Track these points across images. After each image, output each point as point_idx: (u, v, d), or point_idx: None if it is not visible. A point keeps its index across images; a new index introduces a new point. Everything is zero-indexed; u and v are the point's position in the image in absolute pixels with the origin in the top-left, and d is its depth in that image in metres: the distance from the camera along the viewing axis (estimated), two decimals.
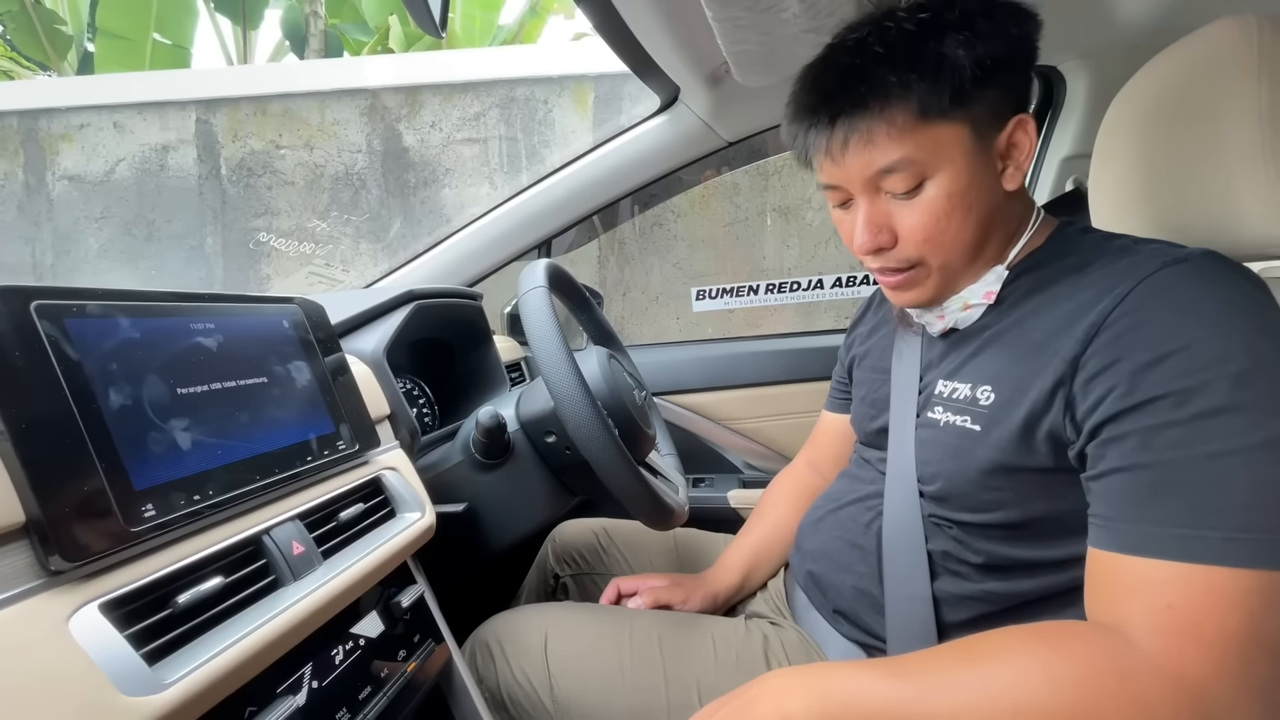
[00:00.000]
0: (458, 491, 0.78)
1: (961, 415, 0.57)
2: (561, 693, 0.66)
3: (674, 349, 1.36)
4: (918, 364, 0.67)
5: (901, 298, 0.62)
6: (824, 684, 0.47)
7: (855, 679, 0.47)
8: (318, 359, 0.60)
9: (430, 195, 2.91)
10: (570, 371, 0.67)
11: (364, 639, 0.53)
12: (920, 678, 0.45)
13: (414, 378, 1.05)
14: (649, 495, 0.70)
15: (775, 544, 0.86)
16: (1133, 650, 0.41)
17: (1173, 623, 0.40)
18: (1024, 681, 0.42)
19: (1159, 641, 0.40)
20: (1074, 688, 0.40)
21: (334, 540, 0.53)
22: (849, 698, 0.46)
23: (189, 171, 3.07)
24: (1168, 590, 0.41)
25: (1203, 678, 0.39)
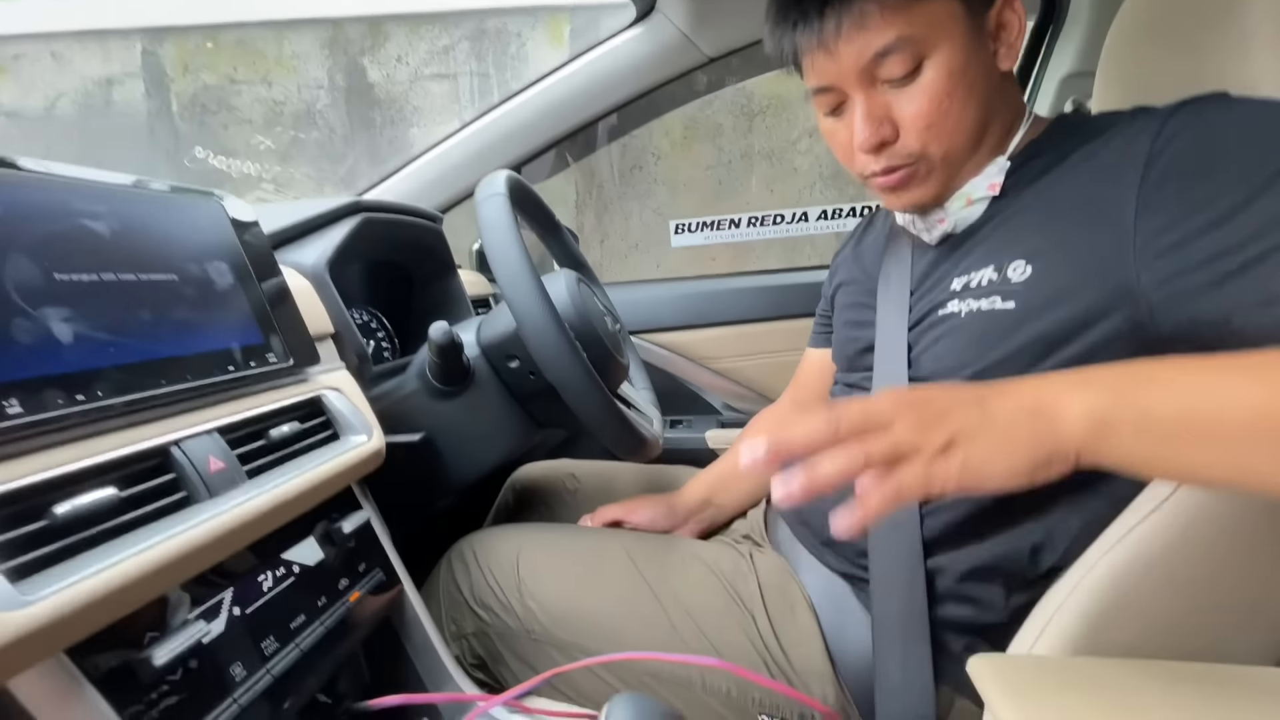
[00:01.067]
0: (414, 421, 0.72)
1: (987, 298, 0.53)
2: (532, 599, 0.65)
3: (651, 287, 1.30)
4: (907, 278, 0.64)
5: (902, 199, 0.58)
6: (1126, 381, 0.37)
7: (1148, 377, 0.37)
8: (243, 263, 0.53)
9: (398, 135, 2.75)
10: (533, 287, 0.61)
11: (299, 565, 0.48)
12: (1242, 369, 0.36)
13: (371, 309, 0.98)
14: (619, 421, 0.65)
15: (747, 470, 0.83)
16: None
17: None
18: None
19: None
20: None
21: (263, 459, 0.47)
22: (1143, 376, 0.37)
23: (137, 108, 2.86)
24: None
25: None
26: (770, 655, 0.60)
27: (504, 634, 0.65)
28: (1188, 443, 0.36)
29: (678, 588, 0.64)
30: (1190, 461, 0.36)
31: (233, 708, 0.37)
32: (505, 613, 0.65)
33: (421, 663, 0.56)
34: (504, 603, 0.65)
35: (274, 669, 0.41)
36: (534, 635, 0.64)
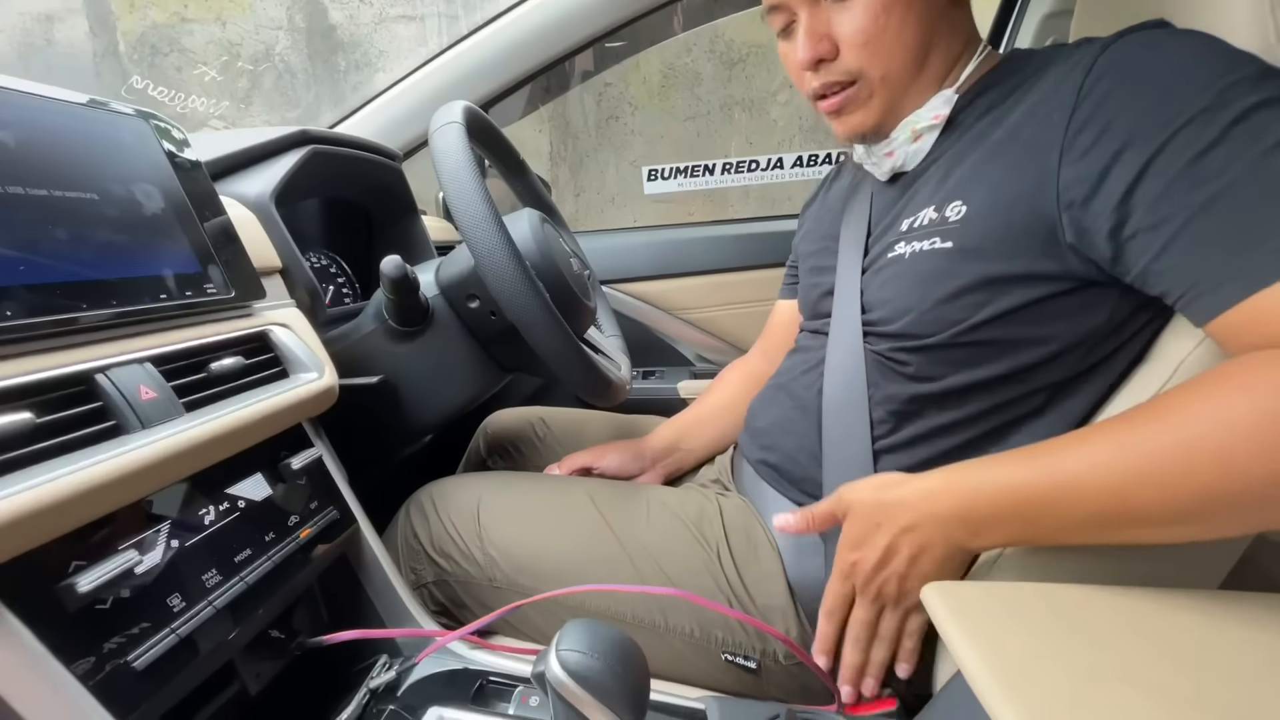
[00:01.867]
0: (372, 363, 0.70)
1: (929, 239, 0.53)
2: (493, 547, 0.64)
3: (622, 235, 1.27)
4: (866, 219, 0.64)
5: (846, 125, 0.59)
6: (975, 481, 0.44)
7: (1011, 467, 0.43)
8: (175, 186, 0.50)
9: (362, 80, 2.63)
10: (491, 220, 0.58)
11: (244, 501, 0.46)
12: (1096, 445, 0.40)
13: (329, 253, 0.94)
14: (584, 363, 0.64)
15: (716, 416, 0.85)
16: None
17: None
18: (1220, 427, 0.36)
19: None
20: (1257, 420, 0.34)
21: (203, 392, 0.45)
22: (1010, 486, 0.42)
23: (81, 47, 2.69)
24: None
25: None
26: (734, 593, 0.60)
27: (465, 582, 0.65)
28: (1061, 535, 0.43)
29: (641, 532, 0.64)
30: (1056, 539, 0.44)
31: (170, 638, 0.36)
32: (466, 561, 0.65)
33: (381, 602, 0.55)
34: (464, 551, 0.65)
35: (216, 601, 0.40)
36: (495, 583, 0.63)
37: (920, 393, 0.56)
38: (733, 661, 0.59)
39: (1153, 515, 0.38)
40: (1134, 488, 0.38)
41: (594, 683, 0.35)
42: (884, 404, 0.58)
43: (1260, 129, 0.37)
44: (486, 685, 0.52)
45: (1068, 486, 0.40)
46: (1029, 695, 0.35)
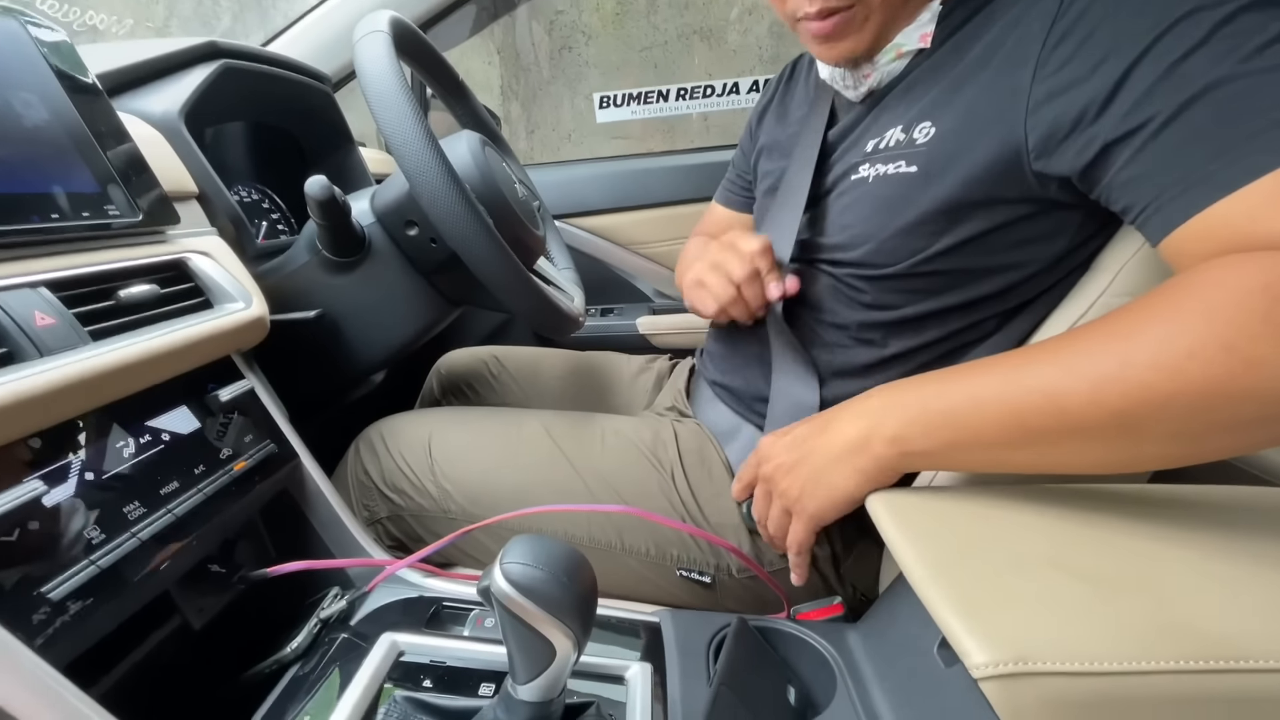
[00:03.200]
0: (309, 298, 0.66)
1: (894, 162, 0.52)
2: (446, 479, 0.64)
3: (573, 167, 1.22)
4: (820, 133, 0.62)
5: (835, 50, 0.54)
6: (922, 398, 0.43)
7: (967, 385, 0.41)
8: (59, 95, 0.45)
9: (295, 11, 2.44)
10: (423, 138, 0.54)
11: (169, 433, 0.44)
12: (1048, 363, 0.38)
13: (261, 187, 0.88)
14: (532, 292, 0.62)
15: None
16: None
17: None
18: (1163, 341, 0.34)
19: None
20: (1244, 356, 0.32)
21: (111, 321, 0.42)
22: (963, 403, 0.41)
23: None
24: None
25: None
26: (688, 512, 0.61)
27: (420, 515, 0.64)
28: (992, 453, 0.41)
29: (596, 458, 0.64)
30: (1002, 464, 0.42)
31: (90, 569, 0.34)
32: (419, 494, 0.64)
33: (329, 535, 0.54)
34: (417, 485, 0.64)
35: (141, 534, 0.38)
36: (450, 514, 0.63)
37: (875, 320, 0.56)
38: (688, 577, 0.61)
39: (1080, 421, 0.37)
40: (1062, 395, 0.37)
41: (540, 594, 0.35)
42: (838, 329, 0.58)
43: (1246, 31, 0.35)
44: (442, 610, 0.52)
45: (990, 400, 0.40)
46: (960, 584, 0.36)
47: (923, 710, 0.41)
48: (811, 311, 0.60)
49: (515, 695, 0.38)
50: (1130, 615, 0.33)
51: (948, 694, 0.39)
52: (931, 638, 0.43)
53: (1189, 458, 0.36)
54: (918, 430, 0.42)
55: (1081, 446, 0.38)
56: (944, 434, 0.42)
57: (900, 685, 0.44)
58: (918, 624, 0.45)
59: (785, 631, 0.51)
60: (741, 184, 0.82)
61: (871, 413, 0.45)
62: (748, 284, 0.58)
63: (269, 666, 0.46)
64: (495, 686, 0.45)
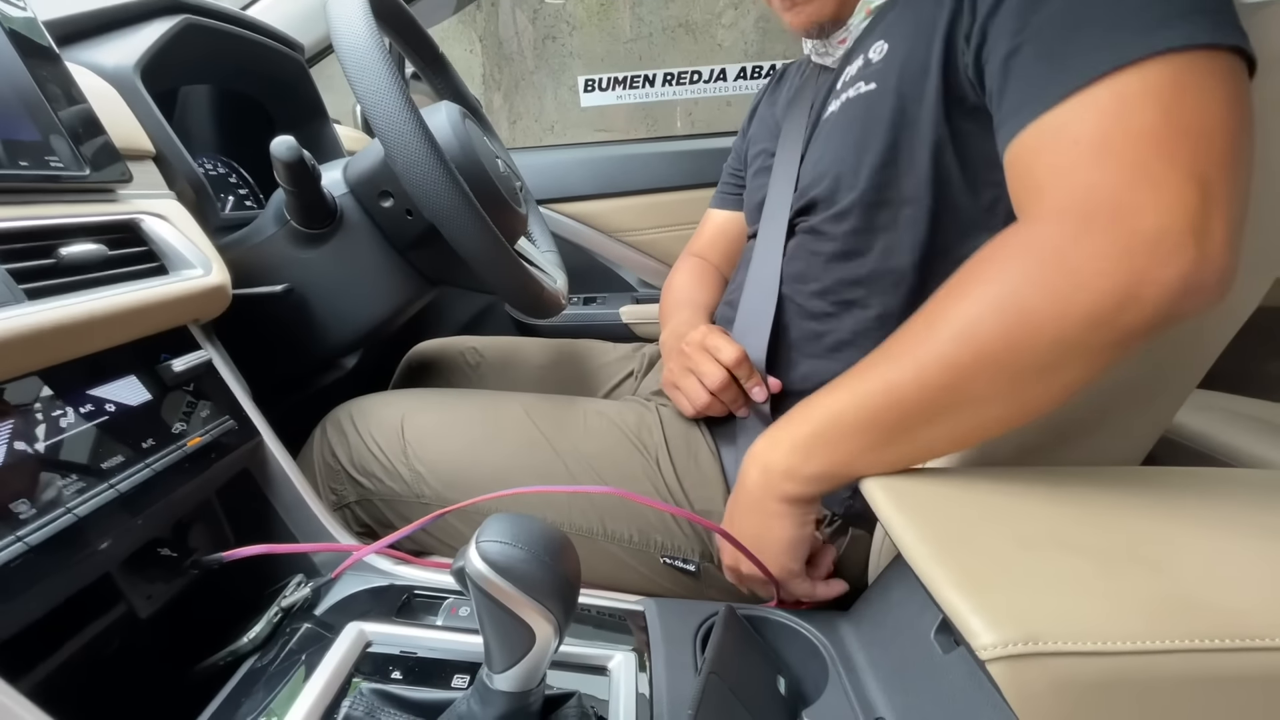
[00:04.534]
0: (277, 272, 0.63)
1: (854, 85, 0.54)
2: (419, 462, 0.60)
3: (558, 152, 1.20)
4: (808, 108, 0.62)
5: (802, 15, 0.57)
6: (790, 429, 0.45)
7: (826, 403, 0.44)
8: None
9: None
10: (401, 102, 0.51)
11: (114, 404, 0.40)
12: (883, 360, 0.41)
13: (228, 160, 0.84)
14: (513, 267, 0.59)
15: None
16: (1041, 225, 0.36)
17: (1080, 156, 0.35)
18: (957, 315, 0.38)
19: (1065, 187, 0.35)
20: (1015, 311, 0.36)
21: (50, 280, 0.38)
22: (826, 421, 0.43)
23: None
24: (1071, 128, 0.36)
25: (1121, 199, 0.33)
26: (673, 497, 0.59)
27: (391, 500, 0.61)
28: (874, 454, 0.43)
29: (579, 442, 0.62)
30: (894, 460, 0.43)
31: (16, 546, 0.31)
32: (391, 478, 0.60)
33: (293, 520, 0.51)
34: (388, 468, 0.61)
35: (78, 510, 0.34)
36: (424, 499, 0.60)
37: (851, 276, 0.55)
38: (672, 564, 0.59)
39: (919, 407, 0.40)
40: (897, 387, 0.40)
41: (519, 574, 0.32)
42: (821, 296, 0.58)
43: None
44: (413, 599, 0.49)
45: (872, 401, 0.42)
46: (963, 563, 0.34)
47: (919, 698, 0.39)
48: (799, 284, 0.60)
49: (491, 685, 0.36)
50: (1141, 594, 0.31)
51: (945, 680, 0.38)
52: (928, 623, 0.41)
53: (1023, 413, 0.39)
54: (799, 458, 0.44)
55: (936, 427, 0.40)
56: (823, 453, 0.43)
57: (895, 673, 0.43)
58: (913, 609, 0.44)
59: (774, 620, 0.50)
60: (736, 181, 0.81)
61: (758, 456, 0.46)
62: (723, 391, 0.59)
63: (224, 658, 0.43)
64: (470, 678, 0.42)
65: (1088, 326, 0.34)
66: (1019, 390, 0.37)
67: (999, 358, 0.36)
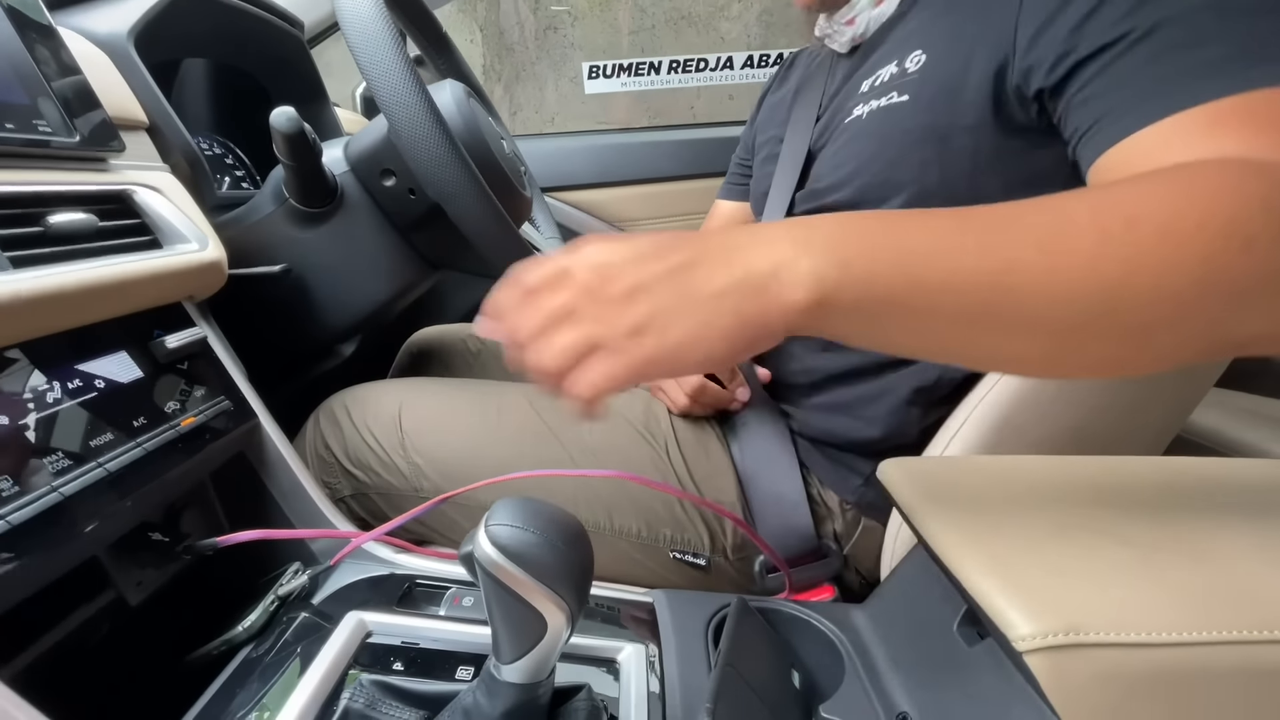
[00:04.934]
0: (274, 252, 0.61)
1: (886, 95, 0.50)
2: (418, 454, 0.58)
3: (558, 140, 1.18)
4: (819, 98, 0.61)
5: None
6: (828, 226, 0.29)
7: (881, 218, 0.30)
8: None
9: None
10: (405, 73, 0.49)
11: (104, 380, 0.38)
12: (985, 211, 0.29)
13: (224, 141, 0.82)
14: (520, 247, 0.57)
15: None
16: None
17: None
18: (1149, 193, 0.27)
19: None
20: (1214, 192, 0.27)
21: (38, 249, 0.37)
22: (875, 233, 0.28)
23: None
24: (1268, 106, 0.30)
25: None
26: (683, 488, 0.57)
27: (387, 494, 0.59)
28: (915, 325, 0.29)
29: (583, 432, 0.60)
30: (915, 345, 0.30)
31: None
32: (387, 471, 0.58)
33: (290, 506, 0.49)
34: (385, 460, 0.58)
35: (64, 489, 0.32)
36: (422, 493, 0.58)
37: None
38: (682, 560, 0.57)
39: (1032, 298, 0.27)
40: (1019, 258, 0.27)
41: (531, 560, 0.31)
42: None
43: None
44: (415, 588, 0.48)
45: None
46: (995, 551, 0.33)
47: (943, 693, 0.38)
48: None
49: (499, 676, 0.34)
50: (1188, 584, 0.30)
51: (971, 675, 0.36)
52: (950, 616, 0.40)
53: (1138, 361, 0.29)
54: (860, 271, 0.28)
55: (1003, 334, 0.28)
56: (893, 306, 0.28)
57: (915, 667, 0.41)
58: (934, 601, 0.42)
59: (787, 613, 0.48)
60: (744, 171, 0.79)
61: (796, 240, 0.28)
62: (698, 403, 0.60)
63: (217, 647, 0.41)
64: (475, 671, 0.41)
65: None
66: (1194, 269, 0.26)
67: (1209, 228, 0.26)
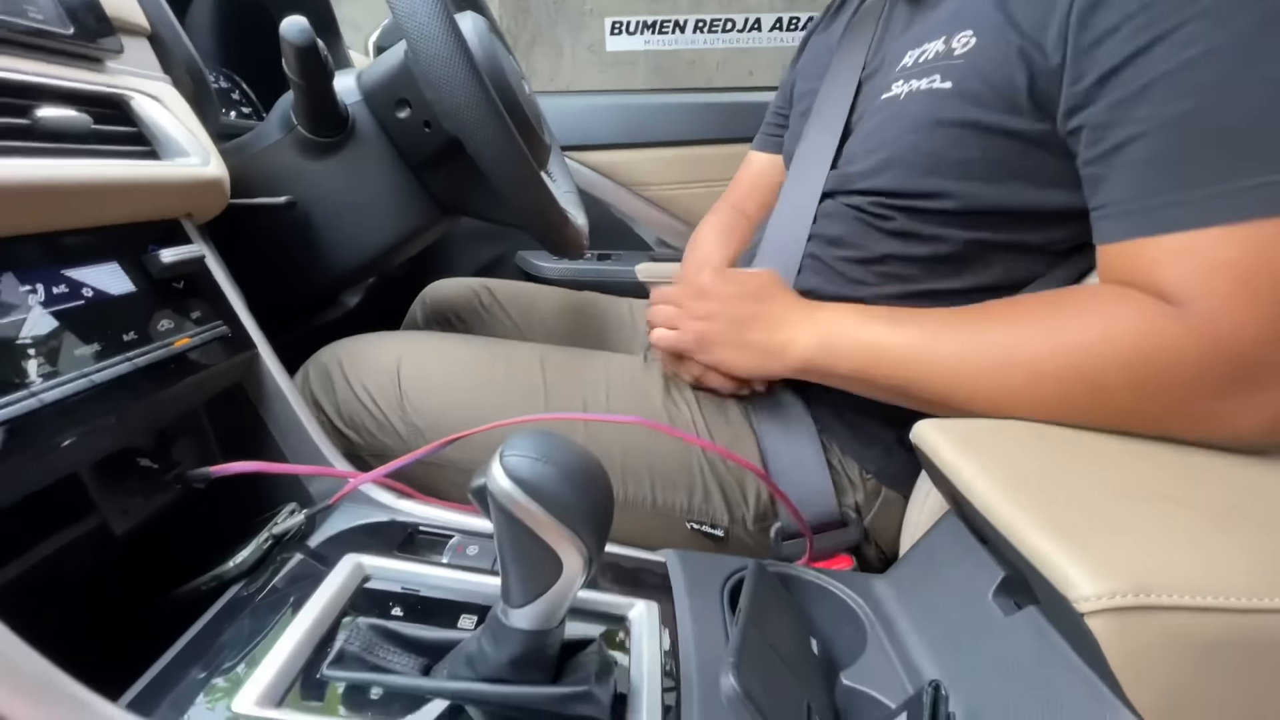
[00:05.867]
0: (279, 183, 0.58)
1: (928, 77, 0.47)
2: (418, 415, 0.54)
3: (579, 98, 1.14)
4: (865, 50, 0.57)
5: None
6: (827, 322, 0.49)
7: (859, 321, 0.48)
8: None
9: None
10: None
11: (92, 289, 0.36)
12: (920, 326, 0.45)
13: (229, 72, 0.79)
14: (541, 189, 0.54)
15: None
16: (1168, 311, 0.36)
17: (1219, 283, 0.34)
18: (1022, 340, 0.40)
19: (1202, 303, 0.35)
20: (1076, 348, 0.38)
21: (24, 141, 0.34)
22: (847, 338, 0.47)
23: None
24: (1213, 252, 0.35)
25: (1248, 340, 0.34)
26: (705, 456, 0.55)
27: (383, 457, 0.55)
28: (861, 390, 0.49)
29: (600, 399, 0.57)
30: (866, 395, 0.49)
31: None
32: (383, 433, 0.54)
33: (288, 443, 0.46)
34: (382, 422, 0.54)
35: (44, 394, 0.30)
36: (423, 458, 0.55)
37: (906, 253, 0.52)
38: (699, 530, 0.55)
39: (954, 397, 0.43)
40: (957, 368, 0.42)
41: (549, 495, 0.28)
42: (862, 264, 0.54)
43: (1258, 53, 0.34)
44: (417, 535, 0.45)
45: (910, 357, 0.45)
46: (1049, 508, 0.30)
47: (975, 661, 0.36)
48: (834, 248, 0.55)
49: (506, 622, 0.32)
50: (1265, 548, 0.27)
51: (1007, 645, 0.34)
52: (985, 584, 0.37)
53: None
54: (825, 365, 0.49)
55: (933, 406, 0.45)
56: (840, 379, 0.49)
57: (944, 636, 0.39)
58: (966, 569, 0.40)
59: (805, 580, 0.46)
60: (780, 121, 0.76)
61: (806, 330, 0.49)
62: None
63: (207, 583, 0.39)
64: (478, 621, 0.38)
65: (1156, 422, 0.37)
66: (1054, 408, 0.39)
67: (1064, 379, 0.38)
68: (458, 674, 0.33)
